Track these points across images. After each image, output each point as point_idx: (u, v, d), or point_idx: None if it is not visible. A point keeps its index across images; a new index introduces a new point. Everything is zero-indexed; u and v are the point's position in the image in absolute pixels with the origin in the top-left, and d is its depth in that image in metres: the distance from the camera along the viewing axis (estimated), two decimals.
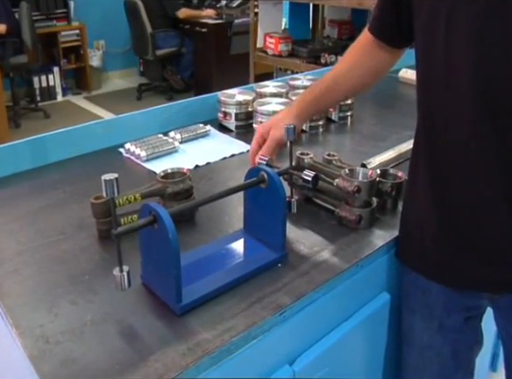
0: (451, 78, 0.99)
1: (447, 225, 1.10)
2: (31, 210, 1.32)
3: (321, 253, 1.13)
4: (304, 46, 3.93)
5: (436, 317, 1.22)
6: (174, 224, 0.87)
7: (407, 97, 2.34)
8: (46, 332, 0.91)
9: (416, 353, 1.28)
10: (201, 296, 0.95)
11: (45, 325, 0.93)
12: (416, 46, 1.09)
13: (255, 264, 1.06)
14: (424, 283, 1.19)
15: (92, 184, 1.38)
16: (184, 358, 0.84)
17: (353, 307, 1.18)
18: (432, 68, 1.03)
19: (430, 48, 1.03)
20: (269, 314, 0.94)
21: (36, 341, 0.89)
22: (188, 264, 1.02)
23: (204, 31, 6.27)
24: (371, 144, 1.73)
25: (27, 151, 1.53)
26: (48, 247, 1.16)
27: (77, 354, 0.86)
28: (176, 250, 0.87)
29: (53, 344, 0.89)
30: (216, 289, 0.98)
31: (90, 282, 1.04)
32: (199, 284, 0.98)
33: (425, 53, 1.06)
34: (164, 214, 0.86)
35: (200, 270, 1.04)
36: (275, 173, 1.08)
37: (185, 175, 1.24)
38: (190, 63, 6.53)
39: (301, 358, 1.05)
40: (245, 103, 1.83)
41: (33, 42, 5.51)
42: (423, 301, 1.21)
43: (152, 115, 1.79)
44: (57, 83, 6.47)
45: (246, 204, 1.16)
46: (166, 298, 0.95)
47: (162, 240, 0.88)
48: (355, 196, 1.20)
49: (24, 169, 1.52)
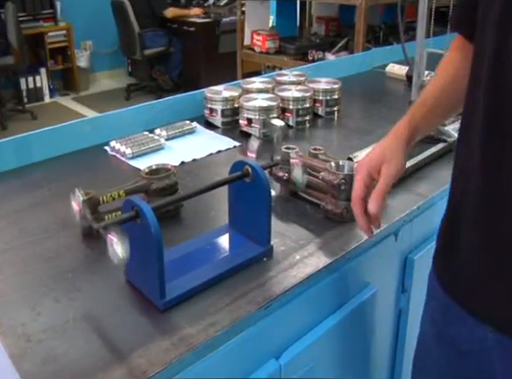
0: None
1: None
2: (15, 208, 1.31)
3: (307, 247, 1.13)
4: (292, 43, 3.94)
5: (436, 324, 1.11)
6: (156, 218, 0.86)
7: (394, 92, 2.35)
8: (27, 331, 0.90)
9: (422, 348, 1.18)
10: (185, 291, 0.95)
11: (27, 323, 0.92)
12: (482, 43, 0.92)
13: (240, 258, 1.05)
14: (433, 285, 1.09)
15: (77, 182, 1.36)
16: (168, 353, 0.84)
17: (340, 300, 1.18)
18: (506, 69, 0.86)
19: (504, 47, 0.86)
20: (254, 308, 0.94)
21: (17, 340, 0.88)
22: (173, 259, 1.01)
23: (192, 30, 6.26)
24: (357, 138, 1.73)
25: (12, 150, 1.52)
26: (32, 246, 1.15)
27: (59, 352, 0.86)
28: (159, 245, 0.87)
29: (34, 342, 0.88)
30: (201, 284, 0.97)
31: (74, 279, 1.04)
32: (183, 279, 0.98)
33: (497, 53, 0.89)
34: (146, 208, 0.86)
35: (184, 265, 1.03)
36: (260, 166, 1.07)
37: (170, 171, 1.23)
38: (179, 62, 6.52)
39: (287, 352, 1.05)
40: (231, 100, 1.82)
41: (20, 43, 5.48)
42: (429, 302, 1.13)
43: (138, 112, 1.78)
44: (44, 84, 6.43)
45: (231, 199, 1.15)
46: (149, 294, 0.94)
47: (145, 235, 0.87)
48: (341, 189, 1.19)
49: (9, 168, 1.50)
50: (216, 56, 6.21)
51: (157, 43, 6.24)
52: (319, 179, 1.24)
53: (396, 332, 1.46)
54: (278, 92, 1.86)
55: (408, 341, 1.47)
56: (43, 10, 6.27)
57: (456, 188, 1.03)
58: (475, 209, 0.94)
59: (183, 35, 6.35)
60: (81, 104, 6.36)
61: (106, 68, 7.31)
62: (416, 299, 1.41)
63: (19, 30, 5.52)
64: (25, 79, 6.25)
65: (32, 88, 6.33)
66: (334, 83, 1.95)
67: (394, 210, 1.29)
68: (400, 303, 1.40)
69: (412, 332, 1.46)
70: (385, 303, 1.32)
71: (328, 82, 1.96)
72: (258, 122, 1.72)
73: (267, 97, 1.80)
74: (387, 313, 1.37)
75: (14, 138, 1.52)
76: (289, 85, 1.94)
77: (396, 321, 1.43)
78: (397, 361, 1.50)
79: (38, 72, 6.34)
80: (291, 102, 1.82)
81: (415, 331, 1.44)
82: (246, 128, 1.75)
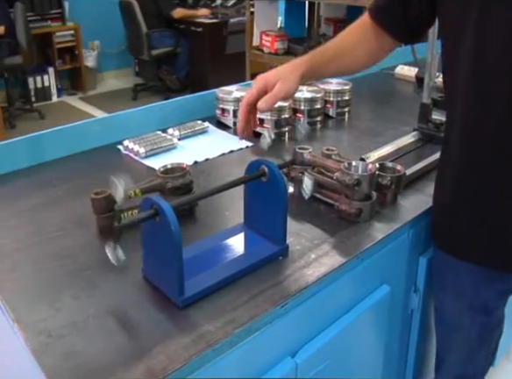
0: None
1: (477, 205, 1.15)
2: (29, 207, 1.32)
3: (321, 246, 1.14)
4: (300, 44, 3.93)
5: (465, 296, 1.25)
6: (176, 216, 0.87)
7: (403, 94, 2.36)
8: (48, 327, 0.91)
9: (446, 330, 1.33)
10: (203, 289, 0.96)
11: (47, 319, 0.93)
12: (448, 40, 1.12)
13: (257, 257, 1.06)
14: (455, 264, 1.22)
15: (90, 181, 1.39)
16: (187, 350, 0.85)
17: (354, 299, 1.19)
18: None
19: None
20: (271, 306, 0.95)
21: (38, 335, 0.89)
22: (190, 258, 1.02)
23: (199, 30, 6.26)
24: (368, 139, 1.74)
25: (24, 149, 1.53)
26: (48, 244, 1.16)
27: (80, 348, 0.87)
28: (178, 242, 0.88)
29: (55, 338, 0.89)
30: (218, 282, 0.98)
31: (91, 276, 1.05)
32: (201, 277, 0.99)
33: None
34: (166, 207, 0.87)
35: (201, 264, 1.04)
36: (276, 166, 1.08)
37: (185, 170, 1.24)
38: (186, 63, 6.53)
39: (303, 350, 1.06)
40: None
41: (28, 43, 5.49)
42: (454, 280, 1.26)
43: (150, 112, 1.79)
44: (52, 84, 6.44)
45: (246, 198, 1.16)
46: (168, 291, 0.95)
47: (164, 233, 0.88)
48: (355, 189, 1.20)
49: (22, 167, 1.52)
50: (223, 57, 6.21)
51: (164, 43, 6.24)
52: (333, 179, 1.25)
53: (408, 332, 1.46)
54: None
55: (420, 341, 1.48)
56: (51, 10, 6.27)
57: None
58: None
59: (190, 35, 6.35)
60: (88, 104, 6.37)
61: (113, 68, 7.31)
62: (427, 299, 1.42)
63: (28, 29, 5.53)
64: (33, 78, 6.26)
65: (40, 87, 6.34)
66: (345, 84, 1.96)
67: (406, 210, 1.30)
68: (412, 302, 1.41)
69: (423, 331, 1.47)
70: (397, 302, 1.33)
71: (339, 83, 1.97)
72: (269, 122, 1.73)
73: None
74: (399, 313, 1.38)
75: (26, 137, 1.53)
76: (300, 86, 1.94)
77: (408, 321, 1.44)
78: (408, 361, 1.50)
79: (46, 71, 6.34)
80: (302, 102, 1.83)
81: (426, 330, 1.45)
82: (258, 128, 1.76)
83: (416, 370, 1.55)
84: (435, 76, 1.65)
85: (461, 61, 1.07)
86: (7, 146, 1.49)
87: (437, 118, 1.65)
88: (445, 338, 1.34)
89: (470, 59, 1.05)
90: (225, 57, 6.19)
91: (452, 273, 1.26)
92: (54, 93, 6.50)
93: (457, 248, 1.22)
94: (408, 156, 1.57)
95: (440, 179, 1.25)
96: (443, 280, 1.30)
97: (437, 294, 1.33)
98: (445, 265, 1.27)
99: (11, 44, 5.42)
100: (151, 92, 6.63)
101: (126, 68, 7.35)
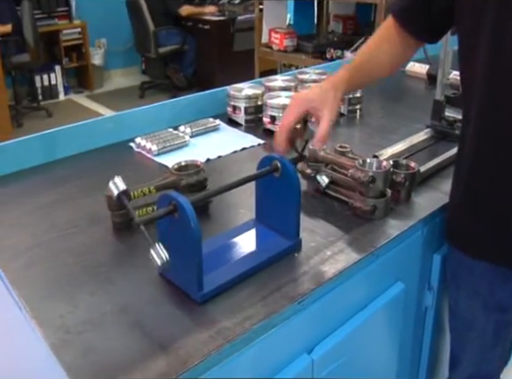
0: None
1: (492, 203, 1.16)
2: (43, 204, 1.33)
3: (336, 243, 1.14)
4: (309, 42, 3.94)
5: (480, 295, 1.25)
6: (195, 212, 0.88)
7: (414, 91, 2.35)
8: (66, 323, 0.92)
9: (460, 328, 1.34)
10: (220, 284, 0.97)
11: (64, 315, 0.94)
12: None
13: (271, 252, 1.07)
14: (470, 263, 1.23)
15: (103, 178, 1.38)
16: (206, 345, 0.86)
17: (369, 296, 1.20)
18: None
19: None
20: (288, 302, 0.96)
21: (56, 331, 0.90)
22: (205, 254, 1.03)
23: (207, 28, 6.27)
24: (380, 136, 1.74)
25: (38, 146, 1.54)
26: (63, 240, 1.18)
27: (99, 344, 0.88)
28: (198, 238, 0.89)
29: (73, 334, 0.90)
30: (235, 277, 0.99)
31: (107, 273, 1.06)
32: (217, 273, 1.00)
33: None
34: (185, 203, 0.87)
35: (216, 259, 1.05)
36: (289, 161, 1.09)
37: (199, 168, 1.25)
38: (193, 60, 6.53)
39: (319, 347, 1.07)
40: (254, 97, 1.84)
41: (35, 41, 5.50)
42: (469, 279, 1.26)
43: (161, 110, 1.80)
44: (59, 82, 6.46)
45: (258, 194, 1.17)
46: (186, 287, 0.96)
47: (183, 229, 0.89)
48: (369, 186, 1.21)
49: (35, 164, 1.53)
50: (231, 54, 6.21)
51: (171, 41, 6.26)
52: (347, 176, 1.25)
53: (422, 330, 1.47)
54: (300, 90, 1.88)
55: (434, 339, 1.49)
56: (58, 7, 6.29)
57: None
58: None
59: (198, 33, 6.36)
60: (95, 102, 6.39)
61: (120, 66, 7.33)
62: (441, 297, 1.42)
63: (35, 27, 5.55)
64: (40, 77, 6.28)
65: (47, 85, 6.36)
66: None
67: (420, 207, 1.30)
68: (426, 300, 1.41)
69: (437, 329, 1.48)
70: (411, 300, 1.34)
71: None
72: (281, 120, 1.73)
73: (291, 95, 1.81)
74: (413, 310, 1.38)
75: (39, 134, 1.55)
76: (311, 83, 1.95)
77: (422, 319, 1.45)
78: (422, 359, 1.51)
79: (52, 70, 6.36)
80: None
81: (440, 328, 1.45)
82: (270, 126, 1.77)
83: (430, 368, 1.55)
84: (448, 73, 1.65)
85: (478, 59, 1.07)
86: (21, 143, 1.51)
87: (451, 116, 1.65)
88: (460, 336, 1.34)
89: (487, 57, 1.05)
90: (233, 55, 6.19)
91: (467, 271, 1.26)
92: (61, 91, 6.52)
93: (472, 247, 1.22)
94: (421, 153, 1.58)
95: (456, 176, 1.25)
96: (457, 278, 1.30)
97: (452, 292, 1.33)
98: (460, 263, 1.27)
99: (18, 42, 5.45)
100: (158, 90, 6.64)
101: (133, 66, 7.37)
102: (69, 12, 6.39)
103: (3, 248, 1.15)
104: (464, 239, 1.25)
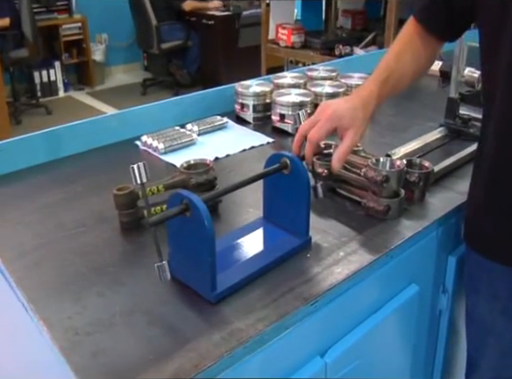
0: None
1: (510, 204, 1.15)
2: (48, 202, 1.34)
3: (349, 244, 1.15)
4: (317, 38, 3.94)
5: (500, 299, 1.24)
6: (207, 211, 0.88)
7: (426, 88, 2.35)
8: (74, 324, 0.93)
9: (478, 333, 1.32)
10: (233, 284, 0.98)
11: (73, 316, 0.95)
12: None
13: (281, 250, 1.08)
14: (489, 265, 1.22)
15: (109, 177, 1.41)
16: (218, 347, 0.86)
17: (383, 298, 1.20)
18: None
19: None
20: (302, 304, 0.96)
21: (65, 333, 0.91)
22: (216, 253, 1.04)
23: (211, 23, 6.29)
24: (392, 135, 1.75)
25: (42, 144, 1.55)
26: (69, 240, 1.19)
27: (108, 345, 0.88)
28: (212, 237, 0.90)
29: (82, 335, 0.90)
30: (247, 276, 1.00)
31: (116, 273, 1.07)
32: (228, 273, 1.01)
33: None
34: (198, 201, 0.88)
35: (227, 259, 1.06)
36: (298, 158, 1.10)
37: (208, 166, 1.26)
38: (197, 57, 6.55)
39: (332, 349, 1.07)
40: (262, 95, 1.84)
41: (34, 35, 5.52)
42: (488, 282, 1.25)
43: (167, 107, 1.80)
44: (58, 78, 6.49)
45: (266, 192, 1.18)
46: (198, 287, 0.97)
47: (196, 228, 0.90)
48: (383, 186, 1.21)
49: (39, 162, 1.54)
50: (236, 51, 6.23)
51: (174, 36, 6.27)
52: (360, 176, 1.26)
53: (436, 334, 1.48)
54: (310, 87, 1.89)
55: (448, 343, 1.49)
56: (57, 1, 6.31)
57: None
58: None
59: (202, 28, 6.37)
60: (96, 99, 6.41)
61: (121, 62, 7.35)
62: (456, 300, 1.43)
63: (34, 22, 5.56)
64: (39, 73, 6.30)
65: (46, 82, 6.39)
66: (367, 79, 1.96)
67: (435, 207, 1.31)
68: (440, 303, 1.42)
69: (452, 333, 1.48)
70: (425, 302, 1.34)
71: (360, 78, 1.98)
72: (291, 118, 1.74)
73: (300, 93, 1.82)
74: (427, 313, 1.39)
75: (43, 132, 1.56)
76: (321, 80, 1.96)
77: (436, 322, 1.45)
78: (436, 363, 1.52)
79: (52, 65, 6.39)
80: (324, 97, 1.85)
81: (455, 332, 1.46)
82: (279, 124, 1.78)
83: (445, 372, 1.55)
84: (463, 70, 1.65)
85: (501, 57, 1.07)
86: (24, 141, 1.52)
87: (465, 114, 1.66)
88: (478, 341, 1.33)
89: (510, 55, 1.05)
90: (238, 51, 6.21)
91: (486, 274, 1.25)
92: (61, 88, 6.55)
93: (491, 249, 1.22)
94: (435, 153, 1.58)
95: (475, 176, 1.25)
96: (475, 281, 1.30)
97: (469, 295, 1.33)
98: (478, 266, 1.27)
99: (17, 36, 5.46)
100: (160, 87, 6.66)
101: (135, 63, 7.39)
102: (69, 6, 6.41)
103: (8, 248, 1.16)
104: (483, 240, 1.24)
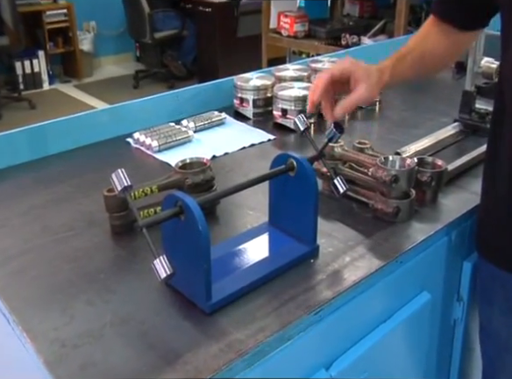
0: None
1: None
2: (35, 204, 1.35)
3: (356, 248, 1.16)
4: (322, 26, 3.95)
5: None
6: (203, 214, 0.89)
7: (440, 81, 2.35)
8: (61, 336, 0.93)
9: (494, 348, 1.32)
10: (230, 293, 0.98)
11: (59, 327, 0.95)
12: None
13: (286, 258, 1.09)
14: (504, 276, 1.22)
15: (100, 177, 1.41)
16: (216, 359, 0.87)
17: (392, 307, 1.21)
18: None
19: None
20: (304, 313, 0.97)
21: (50, 345, 0.91)
22: (214, 260, 1.04)
23: (208, 11, 6.29)
24: (402, 131, 1.76)
25: (25, 141, 1.56)
26: (57, 244, 1.19)
27: (98, 358, 0.89)
28: (207, 242, 0.90)
29: (69, 348, 0.91)
30: (246, 285, 1.01)
31: (106, 280, 1.07)
32: (227, 281, 1.01)
33: None
34: (192, 204, 0.89)
35: (226, 266, 1.07)
36: (306, 160, 1.10)
37: (205, 166, 1.26)
38: (192, 47, 6.56)
39: (337, 362, 1.08)
40: (263, 89, 1.85)
41: (15, 22, 5.47)
42: (503, 295, 1.25)
43: (162, 102, 1.81)
44: (43, 70, 6.48)
45: (272, 195, 1.18)
46: (193, 296, 0.98)
47: (190, 232, 0.91)
48: (392, 186, 1.22)
49: (23, 161, 1.55)
50: (234, 40, 6.24)
51: (169, 25, 6.27)
52: (367, 175, 1.27)
53: (450, 345, 1.48)
54: (314, 80, 1.89)
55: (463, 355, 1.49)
56: None
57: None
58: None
59: (198, 17, 6.38)
60: (84, 92, 6.42)
61: (111, 53, 7.35)
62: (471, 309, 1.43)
63: (14, 7, 5.51)
64: (21, 63, 6.28)
65: (29, 73, 6.37)
66: None
67: (448, 209, 1.32)
68: (455, 312, 1.43)
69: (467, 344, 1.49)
70: (438, 311, 1.35)
71: None
72: (293, 113, 1.75)
73: (304, 86, 1.83)
74: (440, 323, 1.40)
75: (27, 128, 1.56)
76: None
77: (451, 332, 1.46)
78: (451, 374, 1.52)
79: (35, 55, 6.37)
80: None
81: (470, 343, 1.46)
82: (281, 120, 1.78)
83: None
84: (480, 60, 1.65)
85: None
86: (5, 137, 1.52)
87: (482, 108, 1.66)
88: (494, 356, 1.32)
89: None
90: (237, 41, 6.22)
91: (500, 286, 1.24)
92: (46, 80, 6.54)
93: (506, 260, 1.21)
94: (448, 150, 1.59)
95: (486, 179, 1.25)
96: (489, 293, 1.29)
97: (484, 308, 1.32)
98: (492, 277, 1.26)
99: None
100: (154, 80, 6.67)
101: (126, 53, 7.40)
102: None
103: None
104: (497, 250, 1.23)
